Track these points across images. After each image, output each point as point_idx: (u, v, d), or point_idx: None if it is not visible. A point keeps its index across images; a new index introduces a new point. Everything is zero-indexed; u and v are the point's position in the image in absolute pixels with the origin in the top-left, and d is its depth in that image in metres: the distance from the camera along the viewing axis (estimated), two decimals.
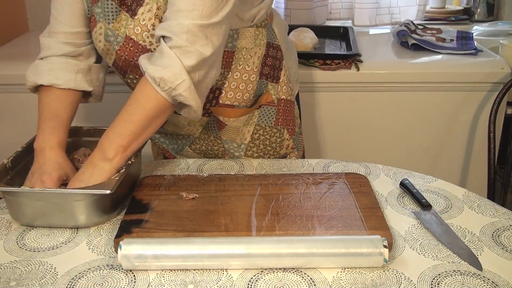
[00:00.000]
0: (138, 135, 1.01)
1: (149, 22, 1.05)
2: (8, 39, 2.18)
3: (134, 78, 1.15)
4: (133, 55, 1.09)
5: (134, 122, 1.00)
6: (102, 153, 1.00)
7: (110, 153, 0.99)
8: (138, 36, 1.07)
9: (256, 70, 1.20)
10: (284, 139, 1.31)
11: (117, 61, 1.13)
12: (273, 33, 1.24)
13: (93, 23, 1.13)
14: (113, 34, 1.09)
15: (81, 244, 0.95)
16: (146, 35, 1.06)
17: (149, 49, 1.07)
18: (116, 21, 1.08)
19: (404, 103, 1.85)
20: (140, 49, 1.08)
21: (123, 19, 1.08)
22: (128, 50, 1.09)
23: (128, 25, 1.07)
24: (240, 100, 1.21)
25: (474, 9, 2.40)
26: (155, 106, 1.00)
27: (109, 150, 1.00)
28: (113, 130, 1.01)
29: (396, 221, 0.99)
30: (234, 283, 0.84)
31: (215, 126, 1.26)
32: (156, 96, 0.99)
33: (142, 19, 1.06)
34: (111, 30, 1.09)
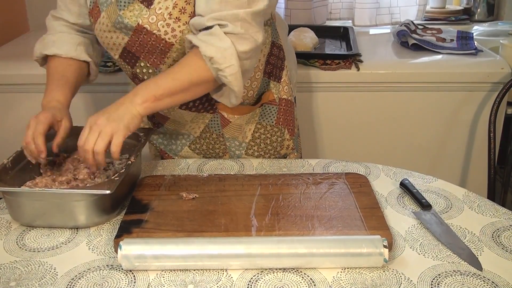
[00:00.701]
0: (173, 93, 1.02)
1: (166, 11, 1.06)
2: (8, 39, 2.18)
3: (144, 67, 1.15)
4: (146, 43, 1.10)
5: (175, 80, 1.02)
6: (134, 95, 1.01)
7: (140, 98, 1.00)
8: (152, 25, 1.07)
9: (261, 68, 1.21)
10: (285, 139, 1.31)
11: (128, 48, 1.13)
12: (277, 33, 1.25)
13: (96, 14, 1.13)
14: (123, 21, 1.09)
15: (81, 244, 0.95)
16: (161, 24, 1.07)
17: (164, 39, 1.08)
18: (127, 9, 1.09)
19: (404, 103, 1.85)
20: (153, 38, 1.08)
21: (136, 9, 1.08)
22: (142, 37, 1.09)
23: (142, 15, 1.07)
24: (244, 97, 1.21)
25: (474, 9, 2.40)
26: (200, 75, 1.03)
27: (141, 94, 1.01)
28: (153, 80, 1.04)
29: (396, 221, 0.99)
30: (234, 283, 0.84)
31: (219, 123, 1.26)
32: (205, 67, 1.02)
33: (158, 8, 1.06)
34: (121, 16, 1.09)
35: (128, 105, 1.00)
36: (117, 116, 0.98)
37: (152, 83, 1.03)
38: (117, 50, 1.15)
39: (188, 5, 1.05)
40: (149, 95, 1.00)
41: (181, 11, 1.06)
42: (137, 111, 1.00)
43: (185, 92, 1.04)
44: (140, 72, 1.17)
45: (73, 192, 0.97)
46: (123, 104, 1.00)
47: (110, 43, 1.14)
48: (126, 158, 1.15)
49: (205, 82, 1.04)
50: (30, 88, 1.78)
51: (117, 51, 1.15)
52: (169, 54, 1.10)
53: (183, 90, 1.03)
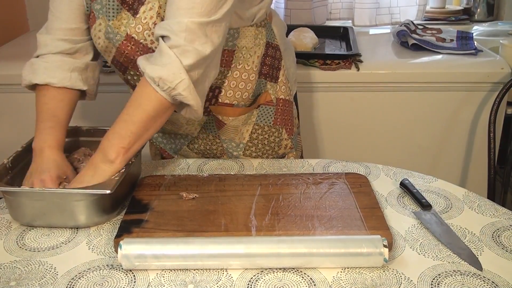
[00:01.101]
0: (139, 136, 1.01)
1: (150, 20, 1.05)
2: (8, 39, 2.18)
3: (134, 75, 1.15)
4: (134, 53, 1.09)
5: (135, 123, 1.00)
6: (104, 155, 1.00)
7: (111, 155, 0.99)
8: (139, 35, 1.07)
9: (255, 70, 1.20)
10: (283, 139, 1.31)
11: (117, 58, 1.13)
12: (272, 33, 1.24)
13: (92, 19, 1.12)
14: (113, 32, 1.09)
15: (81, 244, 0.95)
16: (147, 33, 1.06)
17: (150, 48, 1.07)
18: (116, 19, 1.08)
19: (404, 103, 1.85)
20: (141, 48, 1.08)
21: (123, 18, 1.08)
22: (130, 48, 1.09)
23: (129, 24, 1.07)
24: (239, 99, 1.21)
25: (474, 9, 2.40)
26: (156, 106, 1.00)
27: (110, 152, 0.99)
28: (114, 131, 1.01)
29: (396, 221, 0.99)
30: (234, 283, 0.84)
31: (214, 125, 1.26)
32: (156, 96, 0.99)
33: (143, 18, 1.05)
34: (110, 27, 1.09)
35: (103, 167, 0.99)
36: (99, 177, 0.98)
37: (115, 135, 1.00)
38: (109, 56, 1.15)
39: None
40: (118, 149, 0.99)
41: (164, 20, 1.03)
42: (114, 168, 0.99)
43: (150, 129, 1.02)
44: (131, 79, 1.17)
45: (73, 192, 0.97)
46: (98, 167, 1.00)
47: (102, 49, 1.14)
48: None
49: (163, 111, 1.01)
50: None
51: (109, 56, 1.15)
52: None
53: (145, 129, 1.01)
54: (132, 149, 1.01)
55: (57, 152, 1.08)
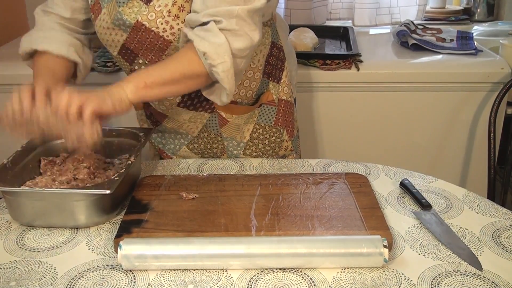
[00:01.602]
0: (164, 83, 1.00)
1: (165, 8, 1.06)
2: (8, 39, 2.18)
3: (143, 64, 1.15)
4: (144, 40, 1.09)
5: (167, 70, 1.01)
6: (124, 81, 0.98)
7: (130, 84, 0.97)
8: (151, 23, 1.07)
9: (260, 68, 1.20)
10: (283, 140, 1.31)
11: (127, 45, 1.12)
12: (277, 34, 1.25)
13: (97, 10, 1.12)
14: (122, 18, 1.09)
15: (81, 244, 0.95)
16: (160, 21, 1.06)
17: (162, 36, 1.07)
18: (127, 5, 1.08)
19: (404, 103, 1.85)
20: (151, 36, 1.08)
21: (135, 6, 1.08)
22: (140, 35, 1.09)
23: (141, 12, 1.07)
24: (243, 97, 1.21)
25: (474, 9, 2.40)
26: (193, 68, 1.01)
27: (131, 80, 0.99)
28: (146, 69, 1.02)
29: (396, 221, 0.99)
30: (234, 283, 0.84)
31: (217, 122, 1.26)
32: (198, 62, 1.00)
33: (157, 5, 1.06)
34: (120, 13, 1.09)
35: (118, 89, 0.97)
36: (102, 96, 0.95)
37: (144, 71, 1.01)
38: (116, 47, 1.15)
39: (186, 3, 1.05)
40: (139, 82, 0.98)
41: (180, 9, 1.05)
42: (126, 95, 0.97)
43: (177, 84, 1.02)
44: (139, 69, 1.17)
45: (73, 192, 0.97)
46: (112, 88, 0.98)
47: (109, 39, 1.14)
48: (126, 158, 1.15)
49: (198, 76, 1.02)
50: None
51: (115, 48, 1.15)
52: (168, 52, 1.10)
53: (174, 81, 1.01)
54: (152, 90, 0.99)
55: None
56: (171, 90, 1.03)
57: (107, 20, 1.11)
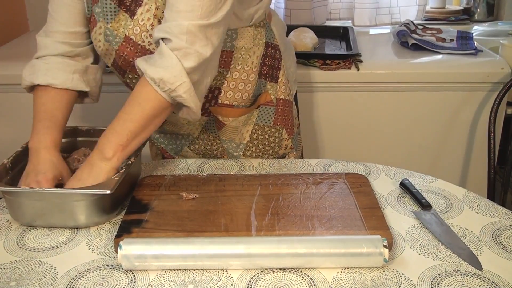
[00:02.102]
0: (137, 134, 1.01)
1: (148, 22, 1.05)
2: (8, 39, 2.18)
3: (133, 78, 1.15)
4: (133, 55, 1.09)
5: (133, 121, 1.00)
6: (100, 152, 1.00)
7: (108, 153, 0.99)
8: (137, 36, 1.07)
9: (255, 70, 1.20)
10: (283, 139, 1.31)
11: (117, 61, 1.13)
12: (272, 33, 1.24)
13: (93, 23, 1.13)
14: (112, 34, 1.09)
15: (81, 244, 0.95)
16: (145, 35, 1.06)
17: (148, 49, 1.07)
18: (114, 21, 1.08)
19: (404, 103, 1.85)
20: (139, 49, 1.08)
21: (121, 19, 1.08)
22: (128, 50, 1.09)
23: (127, 26, 1.07)
24: (239, 100, 1.21)
25: (474, 9, 2.40)
26: (155, 106, 1.00)
27: (107, 149, 0.99)
28: (112, 129, 1.01)
29: (396, 221, 0.99)
30: (234, 283, 0.84)
31: (214, 126, 1.26)
32: (156, 96, 0.99)
33: (141, 19, 1.06)
34: (109, 30, 1.09)
35: (100, 164, 0.99)
36: (93, 180, 0.98)
37: (113, 133, 1.00)
38: (109, 59, 1.15)
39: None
40: (115, 146, 0.99)
41: (161, 22, 1.04)
42: (111, 166, 0.99)
43: (149, 127, 1.02)
44: (130, 82, 1.17)
45: (73, 192, 0.97)
46: (94, 165, 0.99)
47: (102, 52, 1.14)
48: (126, 158, 1.15)
49: (162, 110, 1.01)
50: None
51: (109, 60, 1.15)
52: None
53: (143, 128, 1.01)
54: (130, 147, 1.01)
55: (54, 152, 1.07)
56: (147, 135, 1.03)
57: (102, 33, 1.11)
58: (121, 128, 1.00)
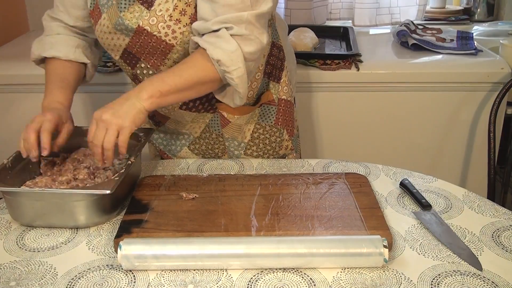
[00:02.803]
0: (179, 90, 1.02)
1: (166, 13, 1.06)
2: (8, 39, 2.18)
3: (145, 68, 1.15)
4: (146, 44, 1.10)
5: (181, 77, 1.02)
6: (140, 90, 1.01)
7: (146, 93, 1.00)
8: (153, 27, 1.07)
9: (261, 68, 1.21)
10: (284, 140, 1.31)
11: (129, 49, 1.13)
12: (277, 34, 1.25)
13: (97, 15, 1.13)
14: (123, 23, 1.09)
15: (81, 244, 0.95)
16: (162, 26, 1.07)
17: (164, 40, 1.08)
18: (128, 10, 1.09)
19: (404, 103, 1.85)
20: (154, 40, 1.08)
21: (136, 10, 1.08)
22: (142, 39, 1.09)
23: (142, 16, 1.08)
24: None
25: (474, 9, 2.40)
26: (207, 74, 1.03)
27: (146, 89, 1.00)
28: (159, 76, 1.03)
29: (396, 221, 0.99)
30: (234, 283, 0.84)
31: (219, 123, 1.26)
32: (212, 68, 1.03)
33: (158, 10, 1.07)
34: (122, 18, 1.09)
35: (134, 100, 0.99)
36: (123, 112, 0.98)
37: (158, 79, 1.02)
38: (118, 51, 1.15)
39: (188, 7, 1.05)
40: (155, 91, 1.00)
41: (182, 13, 1.06)
42: (143, 106, 0.99)
43: (191, 90, 1.05)
44: (141, 73, 1.17)
45: (73, 192, 0.97)
46: (128, 99, 1.00)
47: (110, 44, 1.14)
48: (126, 158, 1.15)
49: (211, 81, 1.05)
50: (30, 88, 1.78)
51: (117, 52, 1.15)
52: (170, 56, 1.10)
53: (188, 87, 1.03)
54: (167, 98, 1.02)
55: (65, 107, 1.12)
56: (185, 96, 1.06)
57: (107, 25, 1.11)
58: (169, 78, 1.02)
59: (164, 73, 1.04)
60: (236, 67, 1.01)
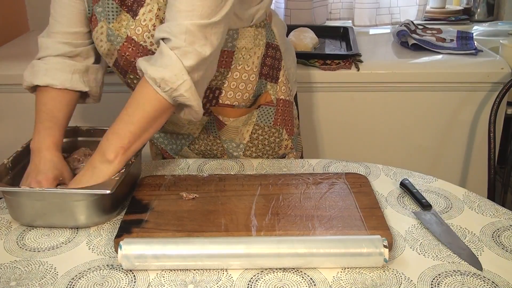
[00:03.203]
0: (138, 136, 1.01)
1: (150, 22, 1.05)
2: (8, 39, 2.18)
3: (134, 78, 1.15)
4: (135, 55, 1.09)
5: (134, 123, 1.00)
6: (102, 155, 0.99)
7: (110, 155, 0.99)
8: (139, 37, 1.07)
9: (255, 70, 1.20)
10: (283, 139, 1.31)
11: (119, 61, 1.13)
12: (272, 34, 1.24)
13: (94, 22, 1.13)
14: (113, 34, 1.09)
15: (81, 244, 0.95)
16: (147, 35, 1.06)
17: (150, 50, 1.07)
18: (116, 21, 1.08)
19: (404, 103, 1.85)
20: (141, 50, 1.08)
21: (123, 20, 1.08)
22: (130, 50, 1.09)
23: (129, 26, 1.07)
24: (239, 100, 1.21)
25: (474, 9, 2.40)
26: (156, 107, 1.00)
27: (109, 151, 0.99)
28: (113, 131, 1.01)
29: (396, 221, 0.99)
30: (234, 283, 0.84)
31: (215, 125, 1.26)
32: (157, 97, 0.99)
33: (143, 20, 1.06)
34: (111, 29, 1.09)
35: (101, 167, 0.99)
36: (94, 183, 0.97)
37: (114, 135, 1.00)
38: (111, 59, 1.15)
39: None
40: (117, 148, 0.99)
41: (163, 22, 1.04)
42: (113, 168, 0.99)
43: (149, 129, 1.02)
44: (131, 83, 1.17)
45: (73, 192, 0.97)
46: (96, 167, 0.99)
47: (104, 52, 1.14)
48: None
49: (163, 111, 1.01)
50: None
51: (111, 60, 1.15)
52: None
53: (145, 129, 1.01)
54: (131, 149, 1.01)
55: (55, 152, 1.08)
56: (148, 136, 1.03)
57: (103, 32, 1.11)
58: (123, 130, 1.00)
59: (115, 125, 1.01)
60: (181, 80, 0.96)
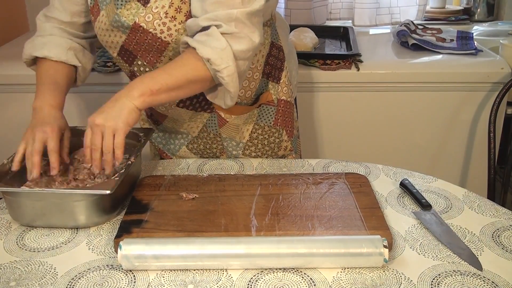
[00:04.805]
0: (170, 89, 1.01)
1: (162, 10, 1.06)
2: (8, 39, 2.18)
3: (142, 65, 1.15)
4: (142, 42, 1.10)
5: (172, 76, 1.01)
6: (130, 89, 0.99)
7: (136, 91, 0.98)
8: (148, 24, 1.07)
9: (259, 68, 1.20)
10: (283, 140, 1.31)
11: (126, 47, 1.13)
12: (276, 34, 1.25)
13: (96, 12, 1.13)
14: (120, 20, 1.09)
15: (81, 244, 0.95)
16: (157, 23, 1.07)
17: (159, 37, 1.07)
18: (125, 7, 1.09)
19: (404, 103, 1.85)
20: (149, 37, 1.08)
21: (133, 7, 1.08)
22: (138, 36, 1.09)
23: (138, 13, 1.07)
24: (242, 97, 1.21)
25: (474, 9, 2.40)
26: (198, 74, 1.02)
27: (137, 88, 0.99)
28: (150, 75, 1.02)
29: (396, 221, 0.99)
30: (234, 283, 0.84)
31: (216, 123, 1.26)
32: (203, 67, 1.01)
33: (154, 7, 1.06)
34: (118, 15, 1.09)
35: (124, 100, 0.98)
36: (114, 114, 0.97)
37: (149, 77, 1.01)
38: (115, 48, 1.15)
39: (183, 4, 1.05)
40: (145, 89, 0.99)
41: (177, 10, 1.06)
42: (134, 105, 0.98)
43: (182, 89, 1.03)
44: (138, 70, 1.17)
45: (73, 192, 0.97)
46: (119, 99, 0.99)
47: (108, 41, 1.14)
48: (126, 158, 1.14)
49: (202, 80, 1.04)
50: (29, 88, 1.76)
51: (115, 49, 1.15)
52: (165, 53, 1.10)
53: (179, 86, 1.02)
54: (158, 97, 1.00)
55: (58, 110, 1.11)
56: (176, 95, 1.04)
57: (105, 21, 1.11)
58: (159, 77, 1.01)
59: (154, 71, 1.03)
60: (226, 65, 0.99)
